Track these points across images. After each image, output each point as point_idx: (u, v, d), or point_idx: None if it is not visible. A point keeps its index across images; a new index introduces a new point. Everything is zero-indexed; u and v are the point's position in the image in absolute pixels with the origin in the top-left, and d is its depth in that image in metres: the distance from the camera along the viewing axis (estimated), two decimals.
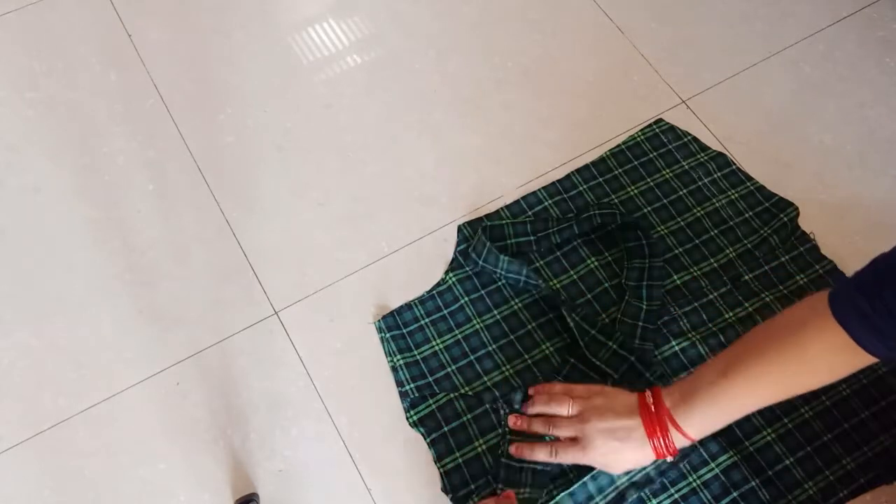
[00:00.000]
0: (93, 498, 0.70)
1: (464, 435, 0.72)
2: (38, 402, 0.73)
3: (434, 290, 0.80)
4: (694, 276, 0.81)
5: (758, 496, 0.69)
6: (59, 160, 0.86)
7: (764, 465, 0.71)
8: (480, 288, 0.80)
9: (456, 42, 0.96)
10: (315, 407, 0.74)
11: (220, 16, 0.97)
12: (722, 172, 0.88)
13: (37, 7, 0.96)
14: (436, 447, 0.72)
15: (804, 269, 0.82)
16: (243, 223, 0.83)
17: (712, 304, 0.79)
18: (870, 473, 0.71)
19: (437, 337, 0.77)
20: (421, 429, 0.73)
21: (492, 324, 0.78)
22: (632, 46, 0.97)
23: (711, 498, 0.69)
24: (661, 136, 0.90)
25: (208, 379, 0.75)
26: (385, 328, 0.77)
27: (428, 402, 0.74)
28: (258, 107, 0.90)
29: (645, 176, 0.87)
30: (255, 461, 0.72)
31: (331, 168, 0.87)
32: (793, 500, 0.70)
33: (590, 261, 0.82)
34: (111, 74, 0.91)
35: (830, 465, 0.72)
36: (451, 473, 0.71)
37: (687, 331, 0.77)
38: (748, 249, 0.83)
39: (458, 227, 0.83)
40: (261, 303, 0.79)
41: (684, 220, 0.85)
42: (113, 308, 0.78)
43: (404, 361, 0.76)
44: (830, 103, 0.93)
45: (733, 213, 0.85)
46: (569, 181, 0.87)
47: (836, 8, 1.01)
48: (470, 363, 0.76)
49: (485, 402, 0.73)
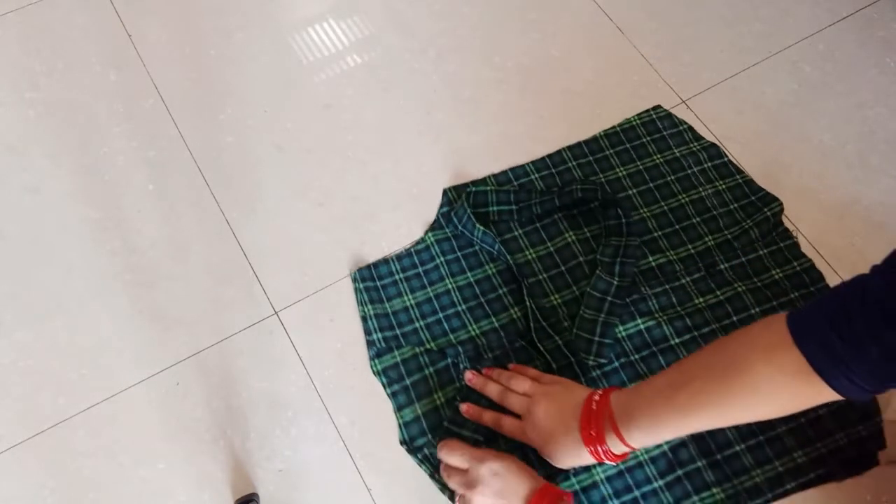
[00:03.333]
0: (93, 498, 0.70)
1: (424, 387, 0.74)
2: (38, 402, 0.73)
3: (412, 248, 0.82)
4: (669, 260, 0.82)
5: (702, 476, 0.70)
6: (59, 160, 0.86)
7: (714, 447, 0.72)
8: (458, 250, 0.82)
9: (456, 42, 0.96)
10: (315, 407, 0.74)
11: (220, 16, 0.97)
12: (713, 163, 0.88)
13: (37, 7, 0.96)
14: (396, 398, 0.74)
15: (781, 264, 0.82)
16: (243, 223, 0.83)
17: (684, 288, 0.80)
18: (820, 469, 0.72)
19: (409, 293, 0.79)
20: (383, 378, 0.75)
21: (464, 285, 0.80)
22: (632, 46, 0.97)
23: (657, 473, 0.71)
24: (658, 122, 0.91)
25: (208, 379, 0.75)
26: (360, 279, 0.79)
27: (393, 353, 0.76)
28: (258, 107, 0.90)
29: (635, 159, 0.88)
30: (255, 461, 0.72)
31: (331, 168, 0.87)
32: (738, 485, 0.71)
33: (567, 234, 0.83)
34: (111, 74, 0.91)
35: (781, 456, 0.72)
36: (409, 425, 0.73)
37: (654, 311, 0.78)
38: (728, 239, 0.83)
39: (444, 191, 0.85)
40: (261, 303, 0.79)
41: (668, 205, 0.85)
42: (113, 308, 0.78)
43: (374, 312, 0.77)
44: (830, 103, 0.93)
45: (718, 203, 0.86)
46: (559, 156, 0.88)
47: (836, 8, 1.01)
48: (438, 320, 0.78)
49: (448, 357, 0.75)
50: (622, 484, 0.70)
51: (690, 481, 0.70)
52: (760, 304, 0.79)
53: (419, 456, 0.72)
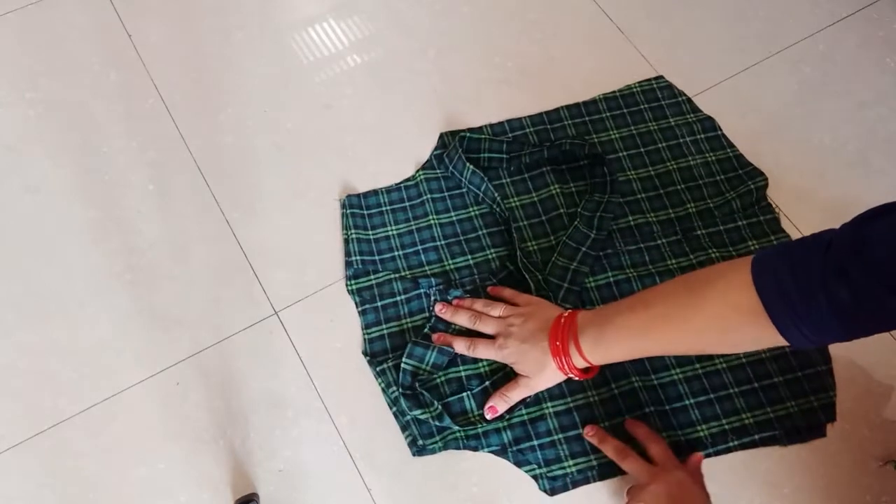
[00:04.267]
0: (93, 498, 0.70)
1: (393, 311, 0.78)
2: (37, 402, 0.73)
3: (402, 184, 0.85)
4: (648, 221, 0.84)
5: (648, 422, 0.72)
6: (59, 160, 0.86)
7: (663, 398, 0.74)
8: (445, 190, 0.85)
9: (456, 42, 0.96)
10: (315, 407, 0.74)
11: (220, 16, 0.97)
12: (706, 135, 0.90)
13: (37, 7, 0.96)
14: (365, 316, 0.78)
15: (759, 236, 0.84)
16: (243, 223, 0.83)
17: (658, 248, 0.82)
18: (766, 432, 0.73)
19: (393, 224, 0.82)
20: (356, 297, 0.78)
21: (446, 223, 0.83)
22: (632, 46, 0.97)
23: (604, 413, 0.73)
24: (657, 92, 0.93)
25: (208, 379, 0.75)
26: (348, 205, 0.82)
27: (369, 276, 0.79)
28: (258, 107, 0.90)
29: (630, 123, 0.90)
30: (255, 461, 0.72)
31: (331, 168, 0.87)
32: (681, 435, 0.73)
33: (553, 187, 0.85)
34: (111, 74, 0.91)
35: (729, 415, 0.74)
36: (374, 341, 0.77)
37: (626, 266, 0.81)
38: (709, 208, 0.85)
39: (440, 135, 0.88)
40: (261, 303, 0.79)
41: (655, 171, 0.87)
42: (113, 308, 0.78)
43: (357, 237, 0.81)
44: (830, 103, 0.93)
45: (705, 173, 0.87)
46: (556, 114, 0.91)
47: (835, 8, 1.01)
48: (417, 252, 0.81)
49: (420, 288, 0.78)
50: (569, 420, 0.73)
51: None
52: None
53: (377, 369, 0.74)
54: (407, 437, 0.72)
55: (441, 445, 0.71)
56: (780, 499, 0.72)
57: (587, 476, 0.71)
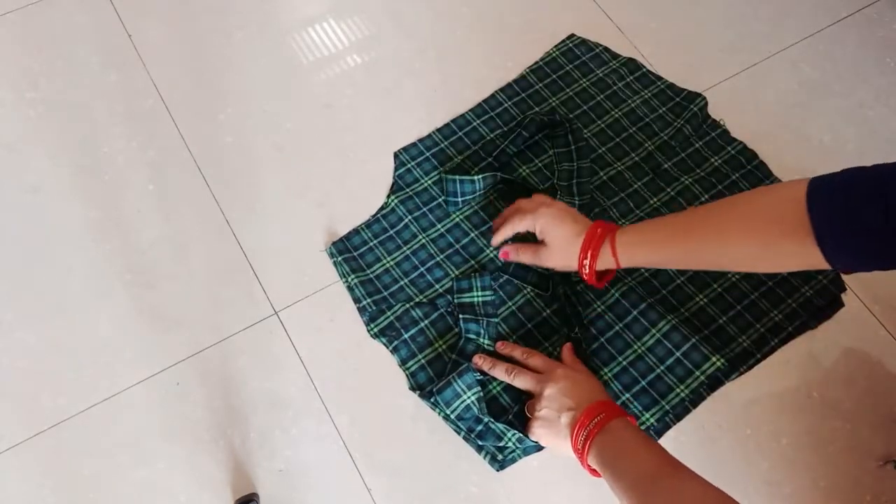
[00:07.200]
0: (92, 498, 0.70)
1: (423, 339, 0.77)
2: (38, 402, 0.73)
3: (378, 214, 0.84)
4: (618, 171, 0.87)
5: (700, 351, 0.74)
6: (59, 160, 0.86)
7: (700, 325, 0.78)
8: (422, 206, 0.84)
9: (456, 42, 0.96)
10: (315, 407, 0.74)
11: (220, 16, 0.97)
12: (634, 76, 0.93)
13: (37, 7, 0.96)
14: (399, 353, 0.76)
15: (717, 151, 0.88)
16: (243, 223, 0.83)
17: (637, 192, 0.85)
18: (796, 321, 0.78)
19: (386, 255, 0.81)
20: (383, 339, 0.77)
21: (437, 237, 0.83)
22: (632, 46, 0.97)
23: (657, 360, 0.75)
24: (575, 50, 0.96)
25: (208, 379, 0.75)
26: (336, 253, 0.81)
27: (386, 314, 0.78)
28: (258, 107, 0.90)
29: (564, 87, 0.93)
30: (255, 461, 0.72)
31: (331, 168, 0.87)
32: (730, 352, 0.77)
33: (521, 169, 0.87)
34: (111, 74, 0.91)
35: (760, 318, 0.79)
36: (416, 374, 0.76)
37: (616, 219, 0.84)
38: (665, 141, 0.89)
39: (395, 154, 0.87)
40: (261, 303, 0.79)
41: (604, 123, 0.90)
42: (113, 308, 0.78)
43: (358, 280, 0.79)
44: (830, 103, 0.93)
45: (648, 110, 0.91)
46: (494, 100, 0.92)
47: (836, 8, 1.01)
48: (421, 274, 0.80)
49: (439, 308, 0.78)
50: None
51: (689, 359, 0.74)
52: (707, 190, 0.86)
53: (431, 400, 0.73)
54: (485, 455, 0.72)
55: (520, 453, 0.72)
56: (780, 499, 0.72)
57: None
